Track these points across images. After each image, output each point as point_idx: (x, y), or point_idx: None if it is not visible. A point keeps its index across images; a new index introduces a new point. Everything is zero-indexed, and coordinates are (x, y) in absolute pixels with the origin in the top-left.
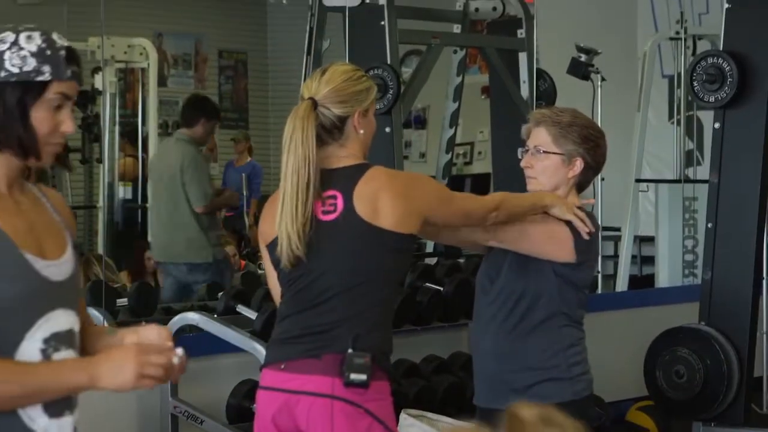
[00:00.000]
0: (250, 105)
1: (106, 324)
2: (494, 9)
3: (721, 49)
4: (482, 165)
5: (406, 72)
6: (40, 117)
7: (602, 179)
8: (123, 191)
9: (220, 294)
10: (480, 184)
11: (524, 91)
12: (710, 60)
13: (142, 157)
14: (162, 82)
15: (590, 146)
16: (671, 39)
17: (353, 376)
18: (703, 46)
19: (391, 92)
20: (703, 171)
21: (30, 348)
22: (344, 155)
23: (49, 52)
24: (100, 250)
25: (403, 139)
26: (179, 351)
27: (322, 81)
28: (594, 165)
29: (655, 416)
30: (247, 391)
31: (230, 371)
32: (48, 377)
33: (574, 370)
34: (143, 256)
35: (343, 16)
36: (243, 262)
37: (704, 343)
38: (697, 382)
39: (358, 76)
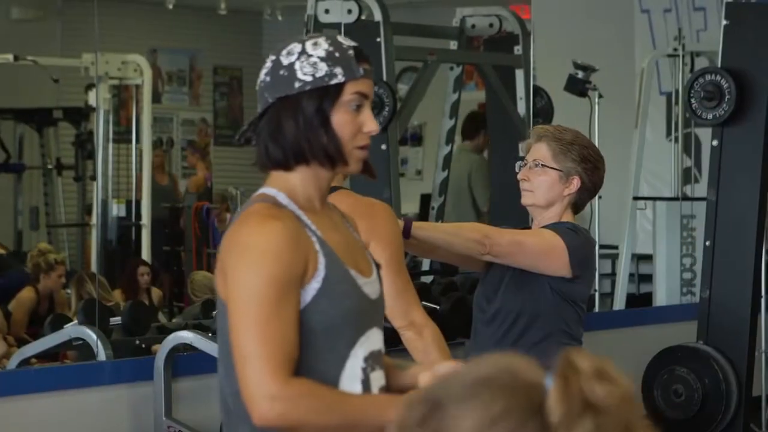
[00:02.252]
0: (246, 122)
1: (100, 344)
2: (491, 25)
3: (719, 66)
4: None
5: (403, 89)
6: (341, 121)
7: (599, 197)
8: (117, 209)
9: (215, 312)
10: None
11: (521, 108)
12: (708, 77)
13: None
14: (156, 98)
15: (589, 167)
16: (669, 56)
17: None
18: (701, 63)
19: (387, 109)
20: (701, 188)
21: (354, 365)
22: None
23: (338, 54)
24: (94, 268)
25: (399, 156)
26: None
27: None
28: (591, 186)
29: None
30: None
31: None
32: (366, 409)
33: None
34: (136, 273)
35: (338, 32)
36: None
37: (702, 363)
38: (695, 402)
39: None
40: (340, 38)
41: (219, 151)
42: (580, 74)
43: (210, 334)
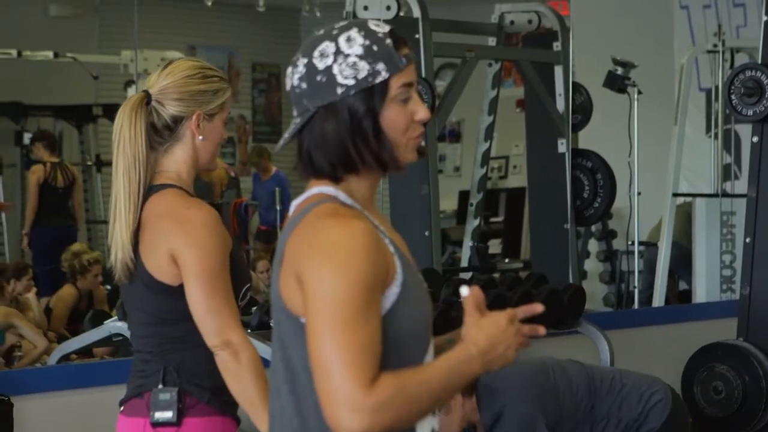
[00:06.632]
0: (284, 118)
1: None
2: (530, 22)
3: (759, 62)
4: (517, 179)
5: (441, 85)
6: (392, 117)
7: (639, 193)
8: None
9: (254, 309)
10: (515, 198)
11: (560, 104)
12: (748, 73)
13: None
14: None
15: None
16: (708, 52)
17: (158, 415)
18: (741, 59)
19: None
20: (740, 185)
21: None
22: (160, 170)
23: (376, 48)
24: None
25: (437, 152)
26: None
27: (162, 74)
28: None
29: None
30: None
31: None
32: (446, 378)
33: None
34: None
35: None
36: None
37: (742, 359)
38: (735, 399)
39: (206, 75)
40: (373, 25)
41: (257, 147)
42: (620, 70)
43: (249, 330)
